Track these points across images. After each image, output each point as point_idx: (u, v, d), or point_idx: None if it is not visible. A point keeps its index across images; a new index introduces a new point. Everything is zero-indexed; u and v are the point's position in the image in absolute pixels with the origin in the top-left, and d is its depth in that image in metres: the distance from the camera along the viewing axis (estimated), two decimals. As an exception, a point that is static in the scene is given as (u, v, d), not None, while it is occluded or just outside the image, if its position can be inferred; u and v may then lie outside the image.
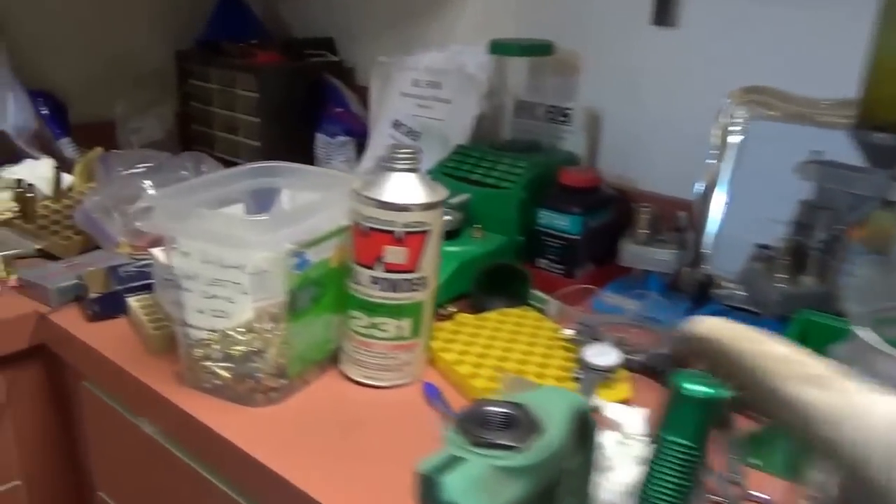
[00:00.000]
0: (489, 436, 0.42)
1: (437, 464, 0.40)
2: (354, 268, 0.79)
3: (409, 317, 0.80)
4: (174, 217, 0.74)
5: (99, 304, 0.94)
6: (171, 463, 0.85)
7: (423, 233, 0.77)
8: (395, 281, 0.78)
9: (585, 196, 1.07)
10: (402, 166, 0.77)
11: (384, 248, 0.76)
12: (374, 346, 0.80)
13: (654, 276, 1.02)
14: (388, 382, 0.82)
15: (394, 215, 0.75)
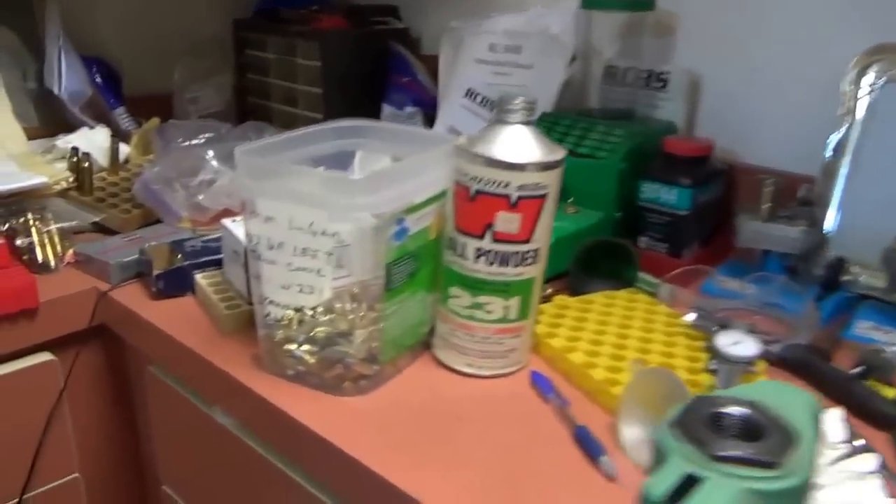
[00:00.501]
0: (732, 448, 0.31)
1: (670, 487, 0.30)
2: (456, 238, 0.69)
3: (517, 295, 0.70)
4: (259, 175, 0.64)
5: (164, 281, 0.86)
6: (246, 456, 0.76)
7: (541, 197, 0.66)
8: (505, 253, 0.68)
9: (695, 167, 0.96)
10: (515, 119, 0.66)
11: (496, 214, 0.66)
12: (477, 330, 0.71)
13: (775, 258, 0.91)
14: (491, 371, 0.72)
15: (508, 176, 0.65)
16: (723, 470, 0.30)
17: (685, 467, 0.31)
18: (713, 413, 0.33)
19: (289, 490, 0.72)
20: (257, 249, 0.67)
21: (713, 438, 0.31)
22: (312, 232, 0.63)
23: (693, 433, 0.32)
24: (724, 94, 1.08)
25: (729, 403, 0.34)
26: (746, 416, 0.33)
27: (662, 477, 0.30)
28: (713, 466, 0.31)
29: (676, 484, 0.30)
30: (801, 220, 0.88)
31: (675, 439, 0.32)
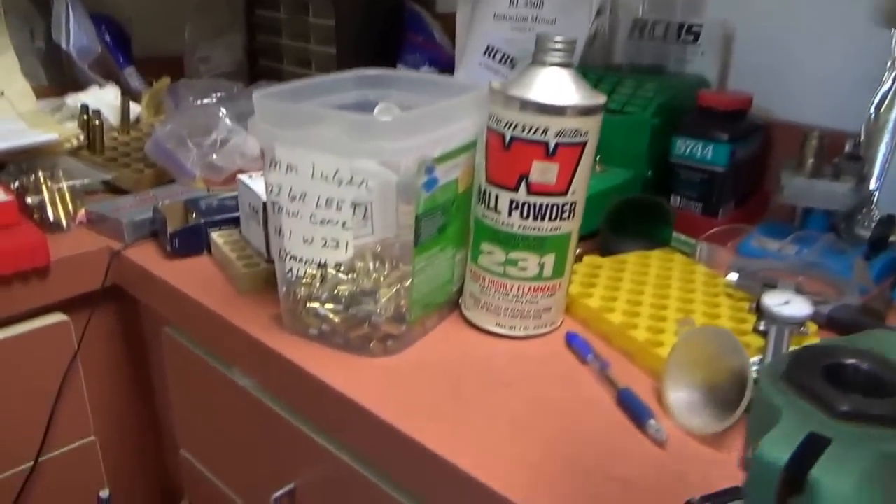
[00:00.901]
0: (861, 404, 0.27)
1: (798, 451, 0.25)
2: (489, 191, 0.65)
3: (553, 252, 0.65)
4: (279, 121, 0.60)
5: (179, 240, 0.82)
6: (266, 418, 0.73)
7: (580, 145, 0.62)
8: (542, 206, 0.63)
9: (732, 122, 0.91)
10: (554, 59, 0.61)
11: (532, 163, 0.61)
12: (510, 288, 0.67)
13: (818, 216, 0.87)
14: (524, 332, 0.68)
15: (546, 121, 0.60)
16: (853, 430, 0.26)
17: (806, 425, 0.26)
18: (831, 364, 0.29)
19: (312, 452, 0.69)
20: (278, 201, 0.63)
21: (835, 393, 0.27)
22: (338, 181, 0.59)
23: (810, 387, 0.27)
24: (760, 46, 1.03)
25: (846, 354, 0.30)
26: (871, 368, 0.29)
27: (782, 438, 0.26)
28: (840, 426, 0.26)
29: (801, 447, 0.25)
30: (848, 177, 0.84)
31: (787, 394, 0.28)
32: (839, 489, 0.25)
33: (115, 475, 0.98)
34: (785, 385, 0.28)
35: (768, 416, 0.28)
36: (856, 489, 0.24)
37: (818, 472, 0.25)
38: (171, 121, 1.06)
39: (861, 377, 0.29)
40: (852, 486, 0.25)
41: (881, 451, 0.25)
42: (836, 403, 0.27)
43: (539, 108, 0.60)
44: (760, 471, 0.26)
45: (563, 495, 0.49)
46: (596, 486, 0.50)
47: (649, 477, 0.51)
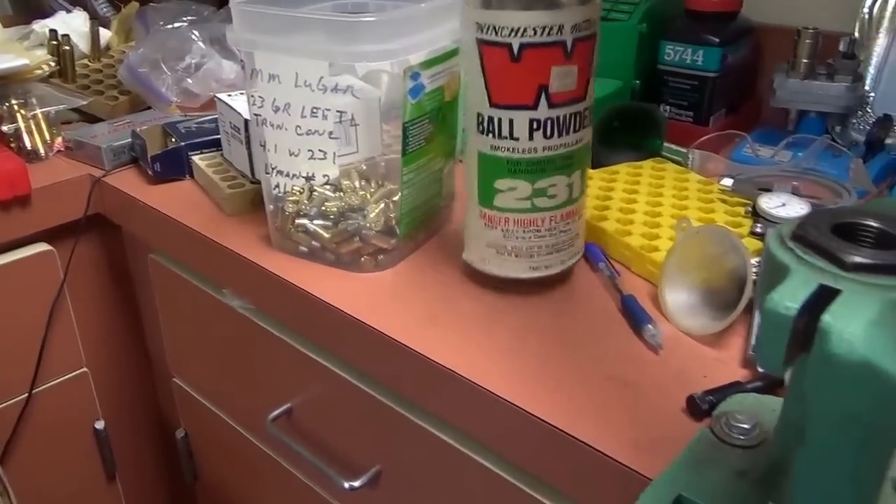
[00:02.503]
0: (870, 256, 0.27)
1: (808, 300, 0.25)
2: (495, 116, 0.55)
3: (579, 167, 0.58)
4: (259, 27, 0.57)
5: (160, 163, 0.80)
6: (260, 339, 0.73)
7: (592, 37, 0.54)
8: (566, 118, 0.55)
9: (722, 25, 0.89)
10: None
11: (551, 70, 0.52)
12: (542, 222, 0.58)
13: (812, 119, 0.85)
14: (562, 266, 0.60)
15: (560, 16, 0.51)
16: (862, 280, 0.26)
17: (817, 278, 0.26)
18: (840, 223, 0.29)
19: (307, 370, 0.69)
20: (261, 114, 0.61)
21: (846, 246, 0.27)
22: (322, 87, 0.57)
23: (819, 243, 0.27)
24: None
25: (854, 214, 0.29)
26: (880, 225, 0.29)
27: (790, 289, 0.26)
28: (850, 277, 0.26)
29: (811, 297, 0.25)
30: (843, 76, 0.82)
31: (796, 251, 0.28)
32: (849, 332, 0.25)
33: (109, 406, 0.98)
34: (793, 243, 0.28)
35: (777, 276, 0.27)
36: (865, 332, 0.25)
37: (829, 317, 0.25)
38: (142, 44, 1.02)
39: (871, 233, 0.29)
40: (862, 328, 0.25)
41: (891, 299, 0.26)
42: (846, 256, 0.27)
43: (551, 3, 0.51)
44: (771, 322, 0.26)
45: (563, 396, 0.49)
46: (596, 386, 0.50)
47: (650, 377, 0.51)
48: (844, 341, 0.24)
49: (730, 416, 0.39)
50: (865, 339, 0.24)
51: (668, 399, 0.49)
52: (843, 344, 0.24)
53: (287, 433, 0.73)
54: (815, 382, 0.26)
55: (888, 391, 0.24)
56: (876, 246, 0.28)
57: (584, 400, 0.49)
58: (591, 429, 0.46)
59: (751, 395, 0.43)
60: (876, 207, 0.30)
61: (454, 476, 0.59)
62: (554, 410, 0.48)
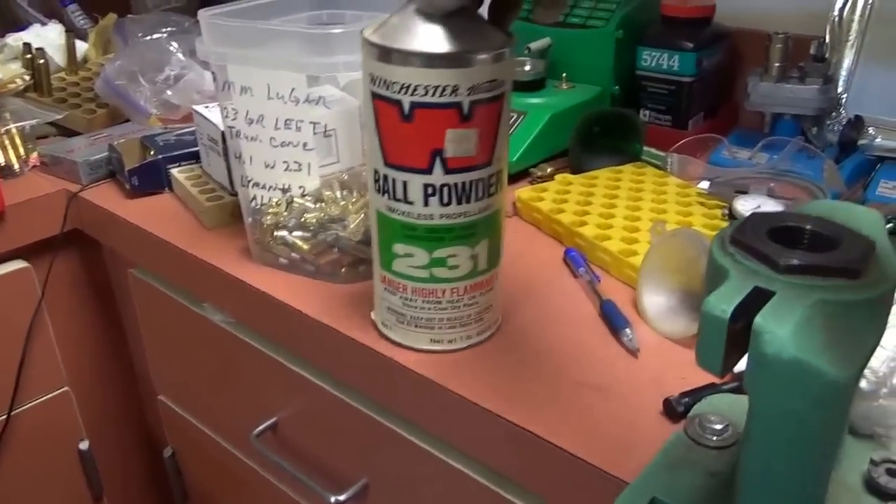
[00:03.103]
0: (803, 258, 0.27)
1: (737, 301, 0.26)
2: (390, 176, 0.49)
3: (486, 237, 0.52)
4: (229, 40, 0.57)
5: (138, 177, 0.80)
6: (243, 353, 0.72)
7: (498, 99, 0.48)
8: (465, 185, 0.49)
9: (697, 30, 0.90)
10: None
11: (446, 133, 0.47)
12: (442, 293, 0.53)
13: (787, 122, 0.86)
14: (467, 342, 0.55)
15: (456, 76, 0.45)
16: (795, 281, 0.27)
17: (750, 280, 0.27)
18: (776, 227, 0.29)
19: (290, 383, 0.69)
20: (235, 126, 0.61)
21: (780, 250, 0.27)
22: (295, 99, 0.57)
23: (755, 247, 0.28)
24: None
25: (791, 218, 0.30)
26: (814, 228, 0.29)
27: (725, 293, 0.26)
28: (783, 279, 0.27)
29: (742, 299, 0.26)
30: (815, 79, 0.83)
31: (733, 255, 0.28)
32: (779, 333, 0.25)
33: (93, 426, 0.97)
34: (731, 247, 0.28)
35: (718, 277, 0.28)
36: (794, 332, 0.25)
37: (761, 319, 0.26)
38: (120, 57, 1.01)
39: (805, 236, 0.30)
40: (791, 329, 0.25)
41: (821, 299, 0.26)
42: (779, 258, 0.27)
43: (446, 61, 0.45)
44: (709, 325, 0.27)
45: (542, 403, 0.50)
46: (575, 392, 0.50)
47: (628, 381, 0.51)
48: (775, 341, 0.25)
49: (703, 417, 0.40)
50: (795, 338, 0.25)
51: (645, 402, 0.49)
52: (774, 344, 0.25)
53: (272, 448, 0.73)
54: (751, 381, 0.27)
55: (818, 387, 0.25)
56: (809, 248, 0.29)
57: (563, 406, 0.49)
58: (570, 435, 0.47)
59: (726, 396, 0.43)
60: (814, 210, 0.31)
61: (440, 486, 0.59)
62: (533, 417, 0.48)
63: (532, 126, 0.85)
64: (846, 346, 0.25)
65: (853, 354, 0.25)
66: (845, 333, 0.25)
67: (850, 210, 0.31)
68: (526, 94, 0.89)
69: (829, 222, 0.29)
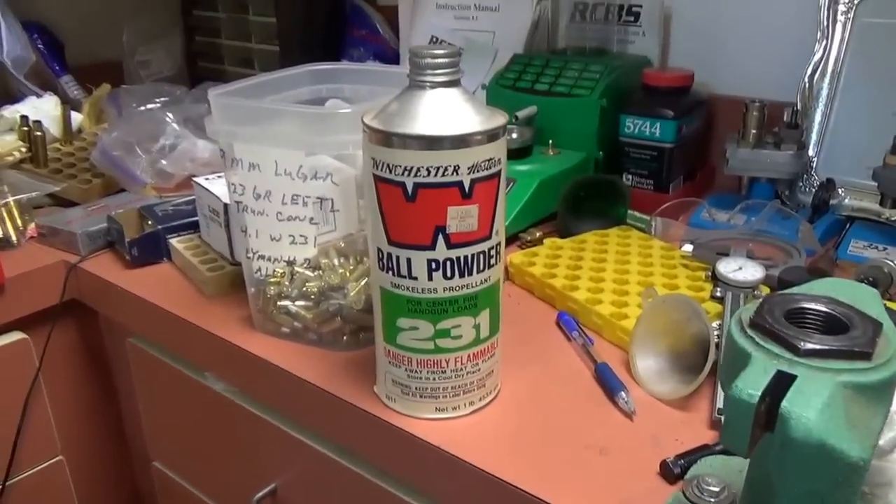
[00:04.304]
0: (820, 342, 0.29)
1: (766, 384, 0.28)
2: (394, 254, 0.52)
3: (487, 307, 0.54)
4: (239, 119, 0.60)
5: (137, 248, 0.81)
6: (243, 421, 0.73)
7: (495, 176, 0.51)
8: (468, 259, 0.52)
9: (677, 98, 0.94)
10: (442, 78, 0.49)
11: (448, 211, 0.50)
12: (447, 363, 0.55)
13: (763, 185, 0.90)
14: (470, 407, 0.57)
15: (456, 156, 0.48)
16: (814, 365, 0.29)
17: (773, 364, 0.29)
18: (792, 309, 0.31)
19: (291, 449, 0.69)
20: (242, 200, 0.63)
21: (798, 333, 0.30)
22: (302, 176, 0.59)
23: (774, 331, 0.30)
24: (697, 24, 1.06)
25: (804, 299, 0.32)
26: (827, 309, 0.31)
27: (751, 377, 0.28)
28: (803, 362, 0.29)
29: (771, 383, 0.28)
30: (788, 145, 0.87)
31: (754, 339, 0.30)
32: (806, 416, 0.28)
33: (85, 494, 0.96)
34: (752, 331, 0.31)
35: (739, 361, 0.30)
36: (819, 415, 0.28)
37: (788, 404, 0.28)
38: (116, 128, 1.04)
39: (819, 318, 0.32)
40: (816, 412, 0.28)
41: (839, 381, 0.29)
42: (799, 343, 0.29)
43: (447, 143, 0.48)
44: (736, 408, 0.29)
45: (543, 467, 0.51)
46: (574, 453, 0.52)
47: (624, 442, 0.53)
48: (802, 426, 0.27)
49: (700, 479, 0.41)
50: (819, 422, 0.27)
51: (643, 464, 0.51)
52: (801, 428, 0.27)
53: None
54: (777, 462, 0.29)
55: (841, 468, 0.27)
56: (825, 331, 0.31)
57: (564, 469, 0.51)
58: (571, 498, 0.48)
59: (719, 457, 0.45)
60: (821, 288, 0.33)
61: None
62: (534, 481, 0.50)
63: (521, 193, 0.88)
64: (862, 426, 0.27)
65: (869, 434, 0.27)
66: (861, 414, 0.28)
67: (853, 288, 0.34)
68: (514, 161, 0.92)
69: (840, 303, 0.32)
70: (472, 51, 1.17)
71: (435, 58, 0.49)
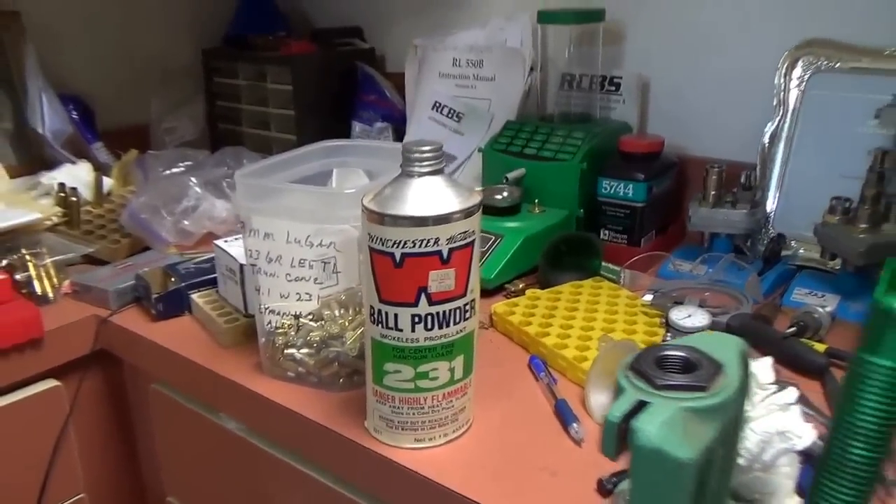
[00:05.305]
0: (673, 379, 0.39)
1: (625, 409, 0.38)
2: (384, 310, 0.62)
3: (461, 353, 0.65)
4: (256, 196, 0.70)
5: (163, 303, 0.91)
6: (253, 456, 0.82)
7: (470, 245, 0.62)
8: (445, 314, 0.62)
9: (648, 162, 1.04)
10: (427, 168, 0.61)
11: (429, 274, 0.61)
12: (424, 401, 0.65)
13: (721, 240, 0.99)
14: (444, 439, 0.67)
15: (437, 231, 0.60)
16: (665, 395, 0.39)
17: (637, 395, 0.38)
18: (658, 356, 0.41)
19: (296, 482, 0.78)
20: (258, 264, 0.73)
21: (657, 373, 0.39)
22: (309, 244, 0.69)
23: (642, 371, 0.40)
24: (672, 93, 1.17)
25: (670, 349, 0.42)
26: (683, 355, 0.41)
27: (620, 404, 0.39)
28: (658, 393, 0.39)
29: (630, 408, 0.38)
30: (743, 204, 0.97)
31: (629, 378, 0.40)
32: (647, 429, 0.38)
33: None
34: (628, 372, 0.40)
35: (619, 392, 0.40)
36: (658, 429, 0.37)
37: (636, 422, 0.38)
38: (143, 192, 1.15)
39: (679, 362, 0.42)
40: (656, 427, 0.38)
41: (681, 406, 0.39)
42: (655, 380, 0.40)
43: (428, 222, 0.59)
44: (607, 426, 0.40)
45: (503, 483, 0.61)
46: (530, 475, 0.62)
47: (572, 466, 0.63)
48: (644, 436, 0.37)
49: (624, 493, 0.50)
50: (658, 433, 0.37)
51: (585, 483, 0.60)
52: (643, 438, 0.37)
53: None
54: (633, 464, 0.39)
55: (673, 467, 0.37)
56: (681, 371, 0.41)
57: (520, 488, 0.61)
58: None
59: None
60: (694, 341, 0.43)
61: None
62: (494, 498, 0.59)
63: (508, 247, 0.97)
64: (694, 438, 0.37)
65: (697, 443, 0.37)
66: (695, 429, 0.37)
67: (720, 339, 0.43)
68: (503, 218, 1.02)
69: (697, 351, 0.41)
70: (471, 116, 1.28)
71: (422, 153, 0.60)
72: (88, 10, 1.45)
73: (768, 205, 1.01)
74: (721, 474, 0.46)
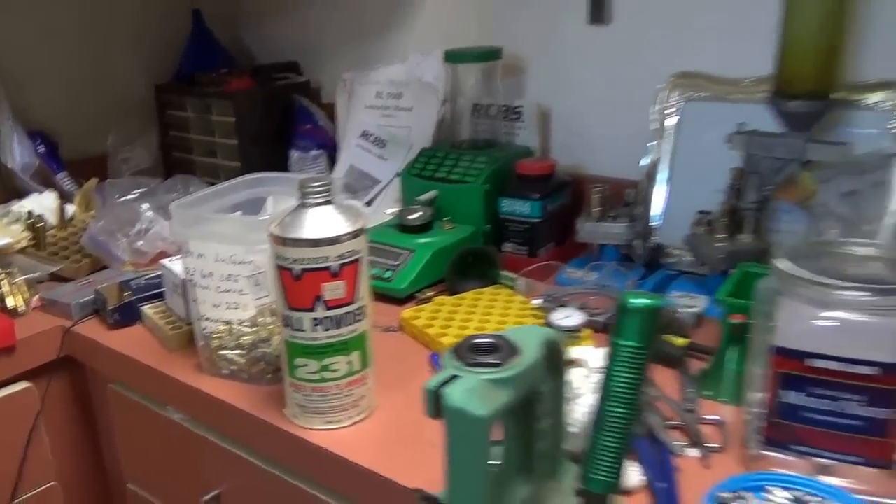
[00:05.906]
0: (479, 358, 0.55)
1: (440, 381, 0.53)
2: (291, 315, 0.77)
3: (356, 350, 0.79)
4: (190, 223, 0.85)
5: (118, 314, 1.05)
6: (196, 442, 0.97)
7: (357, 261, 0.76)
8: (339, 317, 0.76)
9: (542, 183, 1.20)
10: (319, 200, 0.75)
11: (322, 286, 0.75)
12: (329, 389, 0.79)
13: (609, 249, 1.15)
14: (350, 421, 0.81)
15: (328, 250, 0.74)
16: (471, 371, 0.54)
17: (451, 371, 0.54)
18: (472, 343, 0.57)
19: (232, 462, 0.93)
20: (193, 279, 0.88)
21: (468, 355, 0.55)
22: (234, 262, 0.84)
23: (459, 353, 0.55)
24: (570, 119, 1.33)
25: (484, 336, 0.57)
26: (491, 342, 0.57)
27: (436, 378, 0.54)
28: (467, 370, 0.54)
29: (443, 380, 0.53)
30: (624, 218, 1.13)
31: (450, 358, 0.55)
32: (451, 393, 0.52)
33: (75, 515, 1.19)
34: (452, 354, 0.56)
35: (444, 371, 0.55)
36: (460, 394, 0.52)
37: (445, 389, 0.53)
38: (101, 217, 1.28)
39: (486, 346, 0.57)
40: (459, 393, 0.52)
41: (479, 379, 0.54)
42: (466, 359, 0.55)
43: (320, 243, 0.73)
44: (426, 394, 0.53)
45: (396, 456, 0.76)
46: (419, 449, 0.77)
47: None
48: (449, 399, 0.52)
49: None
50: (460, 397, 0.52)
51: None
52: (449, 400, 0.52)
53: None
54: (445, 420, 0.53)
55: (472, 421, 0.51)
56: (488, 353, 0.56)
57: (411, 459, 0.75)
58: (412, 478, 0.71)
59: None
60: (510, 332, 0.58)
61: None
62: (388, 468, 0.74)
63: (419, 261, 1.12)
64: (489, 401, 0.52)
65: (491, 405, 0.52)
66: (490, 395, 0.52)
67: (529, 330, 0.59)
68: (416, 235, 1.17)
69: (502, 338, 0.57)
70: (393, 143, 1.44)
71: (314, 187, 0.75)
72: (52, 50, 1.57)
73: (653, 217, 1.16)
74: (552, 439, 0.62)
